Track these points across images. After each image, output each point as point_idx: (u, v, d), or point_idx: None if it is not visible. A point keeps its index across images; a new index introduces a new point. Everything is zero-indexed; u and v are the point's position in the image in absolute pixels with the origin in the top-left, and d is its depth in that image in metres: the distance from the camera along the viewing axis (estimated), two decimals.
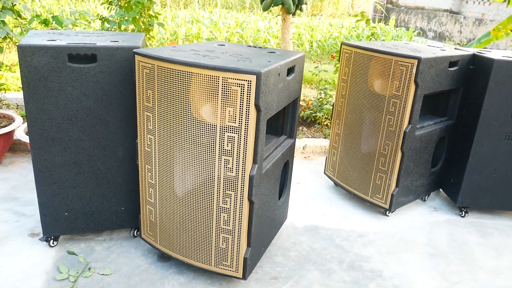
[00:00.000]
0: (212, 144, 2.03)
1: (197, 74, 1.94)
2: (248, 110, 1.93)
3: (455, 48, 3.34)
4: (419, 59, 2.68)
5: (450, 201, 3.46)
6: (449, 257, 2.78)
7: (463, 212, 3.28)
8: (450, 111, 3.26)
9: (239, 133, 1.97)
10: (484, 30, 13.34)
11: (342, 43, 3.18)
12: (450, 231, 3.08)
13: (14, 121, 3.70)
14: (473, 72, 3.06)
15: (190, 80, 1.96)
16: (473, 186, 3.15)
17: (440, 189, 3.55)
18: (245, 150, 1.99)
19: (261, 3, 4.64)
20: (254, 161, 2.04)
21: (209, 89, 1.95)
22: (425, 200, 3.48)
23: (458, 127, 3.23)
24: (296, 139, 4.33)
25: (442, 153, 3.33)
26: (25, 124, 3.59)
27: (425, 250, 2.84)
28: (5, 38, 3.53)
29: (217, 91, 1.94)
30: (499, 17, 14.09)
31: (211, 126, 2.00)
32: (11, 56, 6.83)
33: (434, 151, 3.21)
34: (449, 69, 2.94)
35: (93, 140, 2.39)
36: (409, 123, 2.83)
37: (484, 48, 5.19)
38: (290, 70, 2.32)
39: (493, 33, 5.00)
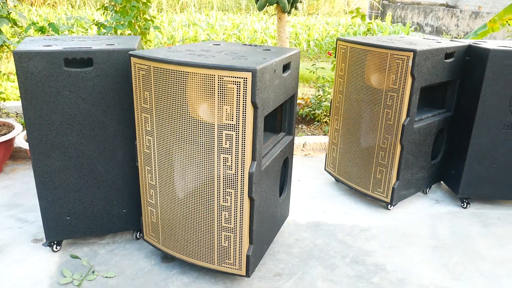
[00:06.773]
0: (211, 143, 2.03)
1: (193, 74, 1.95)
2: (245, 107, 1.94)
3: (450, 40, 3.34)
4: (414, 51, 2.68)
5: (452, 193, 3.46)
6: (452, 249, 2.78)
7: (465, 203, 3.27)
8: (448, 103, 3.26)
9: (237, 130, 1.98)
10: (481, 23, 13.33)
11: (338, 39, 3.18)
12: (452, 222, 3.08)
13: (14, 129, 3.71)
14: (470, 63, 3.06)
15: (186, 79, 1.97)
16: (473, 177, 3.15)
17: (441, 181, 3.55)
18: (243, 147, 2.00)
19: (256, 3, 4.65)
20: (253, 158, 2.05)
21: (205, 88, 1.96)
22: (426, 193, 3.48)
23: (456, 119, 3.23)
24: (296, 137, 4.35)
25: (442, 145, 3.33)
26: (25, 132, 3.60)
27: (428, 242, 2.84)
28: (1, 46, 3.54)
29: (213, 89, 1.94)
30: (495, 9, 14.08)
31: (209, 124, 2.01)
32: (10, 66, 6.84)
33: (433, 143, 3.21)
34: (445, 60, 2.95)
35: (92, 144, 2.40)
36: (407, 116, 2.84)
37: (481, 39, 5.18)
38: (285, 67, 2.32)
39: (489, 25, 5.01)
